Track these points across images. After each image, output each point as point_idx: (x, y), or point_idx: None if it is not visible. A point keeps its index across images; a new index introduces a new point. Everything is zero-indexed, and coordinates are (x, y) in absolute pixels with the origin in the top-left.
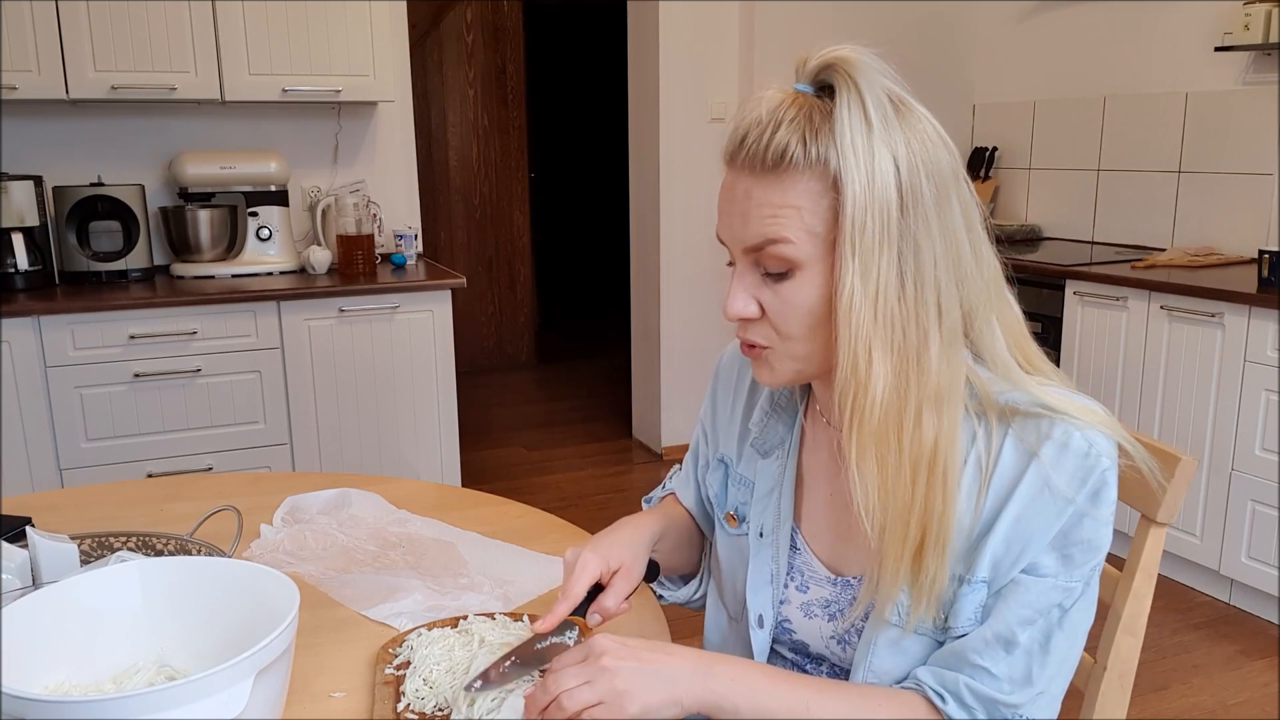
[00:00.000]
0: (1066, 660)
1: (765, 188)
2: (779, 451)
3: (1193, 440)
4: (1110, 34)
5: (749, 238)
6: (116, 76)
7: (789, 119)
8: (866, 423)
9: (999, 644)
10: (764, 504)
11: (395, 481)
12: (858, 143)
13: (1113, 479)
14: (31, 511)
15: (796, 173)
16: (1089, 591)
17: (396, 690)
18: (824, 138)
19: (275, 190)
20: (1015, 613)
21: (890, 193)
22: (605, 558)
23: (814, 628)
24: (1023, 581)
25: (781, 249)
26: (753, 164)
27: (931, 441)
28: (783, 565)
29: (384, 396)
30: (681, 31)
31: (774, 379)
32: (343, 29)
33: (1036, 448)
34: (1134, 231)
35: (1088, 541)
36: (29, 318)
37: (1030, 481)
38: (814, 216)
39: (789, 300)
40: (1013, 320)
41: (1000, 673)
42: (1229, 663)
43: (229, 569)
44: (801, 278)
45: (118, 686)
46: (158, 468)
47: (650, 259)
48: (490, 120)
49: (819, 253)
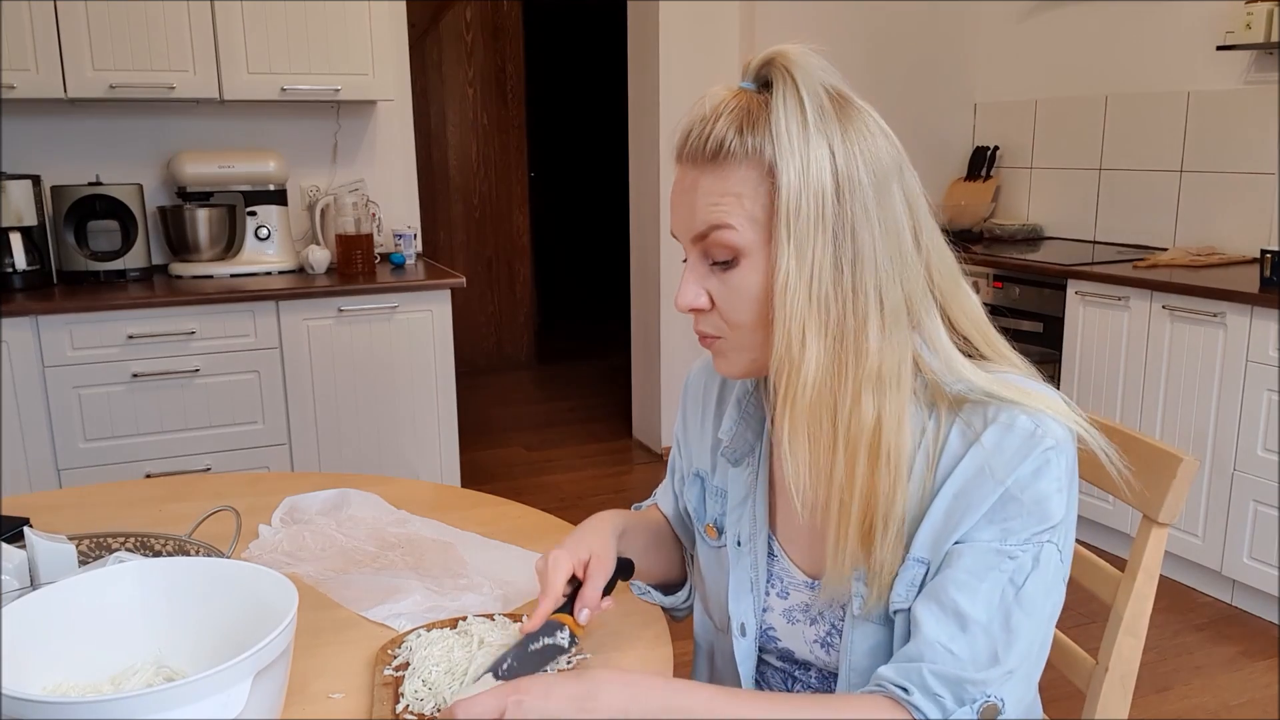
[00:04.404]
0: (1034, 640)
1: (708, 178)
2: (749, 459)
3: (1194, 440)
4: (1112, 33)
5: (696, 225)
6: (115, 75)
7: (728, 111)
8: (799, 401)
9: (951, 619)
10: (739, 513)
11: (394, 482)
12: (793, 132)
13: (1058, 459)
14: (30, 512)
15: (735, 162)
16: (1044, 567)
17: (395, 691)
18: (760, 128)
19: (274, 190)
20: (953, 578)
21: (825, 179)
22: (573, 551)
23: (797, 633)
24: (957, 550)
25: (725, 235)
26: (695, 156)
27: (873, 422)
28: (761, 573)
29: (383, 397)
30: (681, 31)
31: (730, 369)
32: (342, 28)
33: (980, 431)
34: (1136, 231)
35: (1029, 511)
36: (27, 317)
37: (971, 459)
38: (754, 204)
39: (735, 288)
40: (971, 307)
41: (961, 652)
42: (1231, 664)
43: (227, 570)
44: (746, 265)
45: (116, 687)
46: (156, 468)
47: (650, 259)
48: (490, 119)
49: (760, 240)
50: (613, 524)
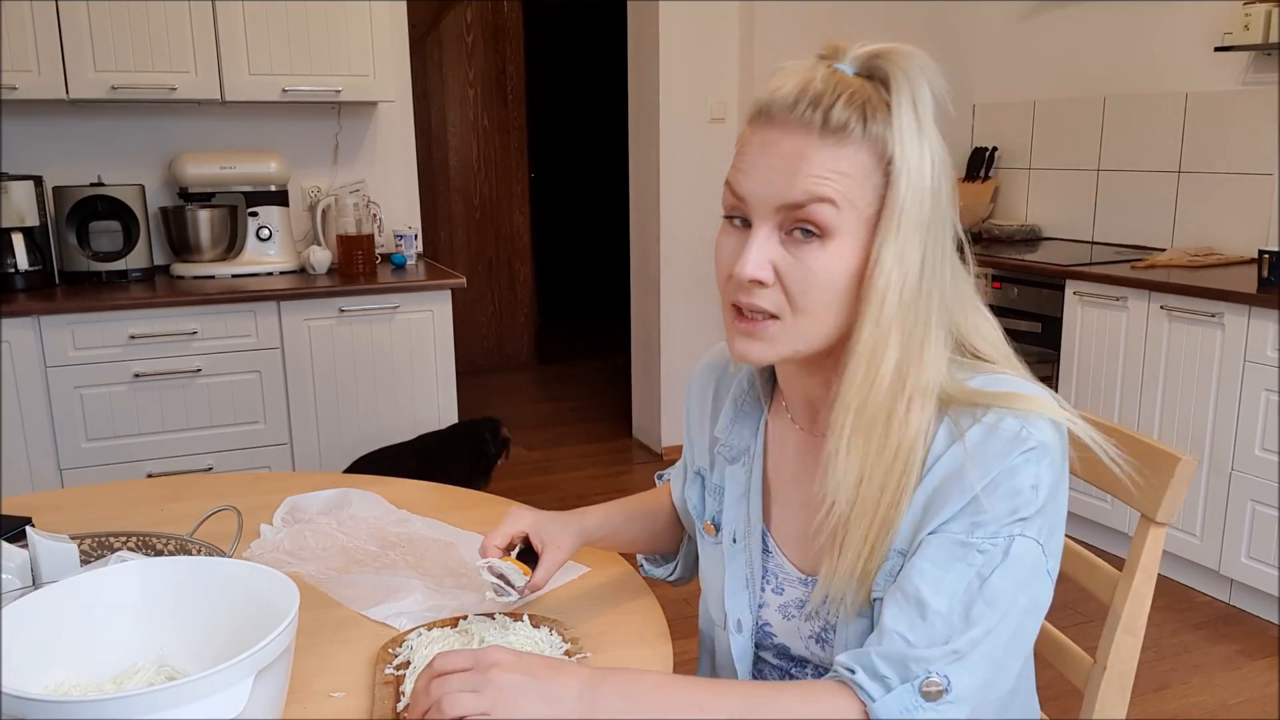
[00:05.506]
0: (995, 631)
1: (821, 151)
2: (745, 456)
3: (1193, 440)
4: (1110, 34)
5: (793, 194)
6: (116, 76)
7: (847, 92)
8: (868, 402)
9: (912, 607)
10: (735, 510)
11: (395, 481)
12: (912, 131)
13: (1039, 458)
14: (32, 511)
15: (853, 144)
16: (1015, 560)
17: (396, 690)
18: (882, 119)
19: (275, 190)
20: (918, 567)
21: (928, 183)
22: (538, 524)
23: (792, 629)
24: (927, 540)
25: (824, 210)
26: (808, 126)
27: (914, 434)
28: (757, 569)
29: (384, 397)
30: (681, 31)
31: (763, 355)
32: (343, 29)
33: (965, 430)
34: (1134, 231)
35: (999, 504)
36: (29, 318)
37: (951, 456)
38: (860, 189)
39: (811, 268)
40: (983, 323)
41: (916, 639)
42: (1229, 663)
43: (229, 569)
44: (831, 247)
45: (117, 686)
46: (158, 468)
47: (650, 259)
48: (490, 120)
49: (852, 226)
50: (593, 520)
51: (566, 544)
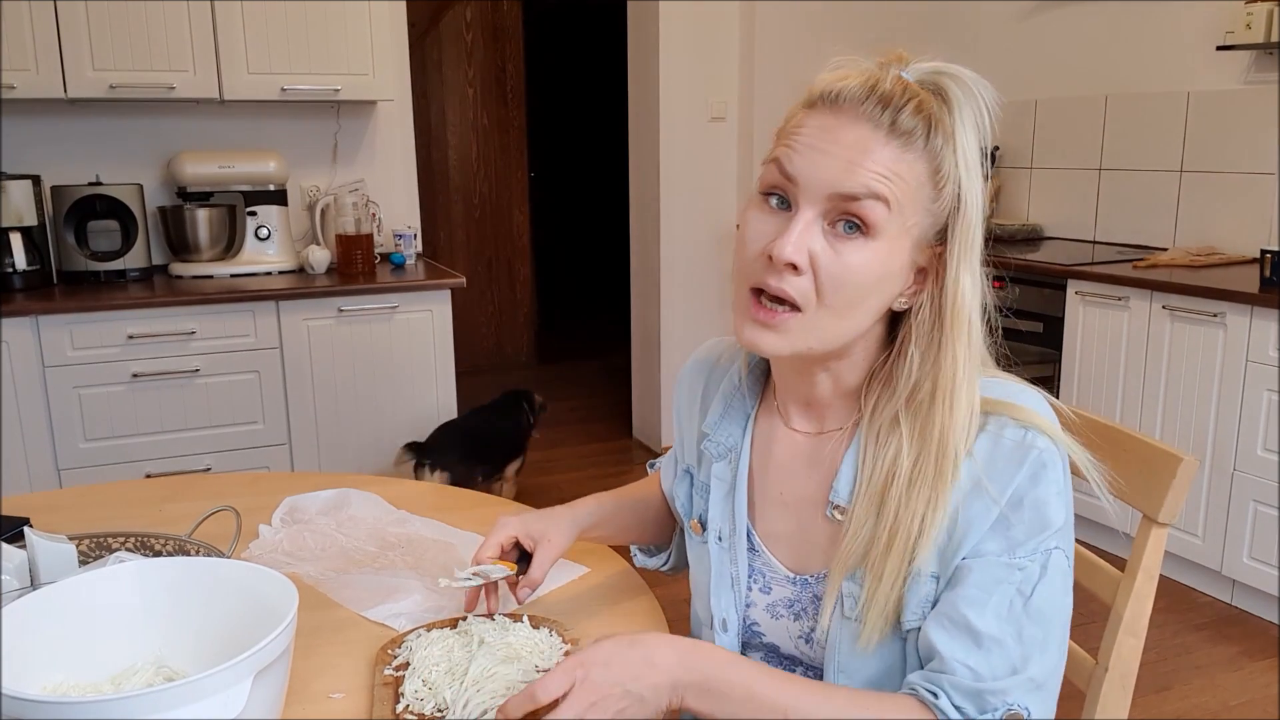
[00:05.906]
0: (1051, 650)
1: (885, 149)
2: (731, 454)
3: (1194, 440)
4: (1112, 33)
5: (850, 184)
6: (115, 76)
7: (915, 98)
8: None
9: (964, 635)
10: (720, 508)
11: (395, 482)
12: (973, 155)
13: (1052, 459)
14: (30, 512)
15: (915, 153)
16: (1051, 575)
17: (396, 691)
18: (946, 137)
19: (274, 190)
20: (963, 595)
21: (983, 205)
22: (525, 525)
23: (781, 628)
24: (966, 565)
25: (877, 208)
26: (875, 123)
27: (952, 443)
28: (743, 568)
29: (383, 397)
30: (681, 31)
31: (778, 346)
32: (342, 28)
33: (971, 443)
34: (1136, 231)
35: (1030, 520)
36: (27, 317)
37: (966, 474)
38: (911, 198)
39: (850, 263)
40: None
41: (979, 667)
42: (1231, 663)
43: (227, 570)
44: (872, 246)
45: (116, 687)
46: (156, 468)
47: (650, 259)
48: (490, 119)
49: (896, 231)
50: (584, 513)
51: (559, 538)
